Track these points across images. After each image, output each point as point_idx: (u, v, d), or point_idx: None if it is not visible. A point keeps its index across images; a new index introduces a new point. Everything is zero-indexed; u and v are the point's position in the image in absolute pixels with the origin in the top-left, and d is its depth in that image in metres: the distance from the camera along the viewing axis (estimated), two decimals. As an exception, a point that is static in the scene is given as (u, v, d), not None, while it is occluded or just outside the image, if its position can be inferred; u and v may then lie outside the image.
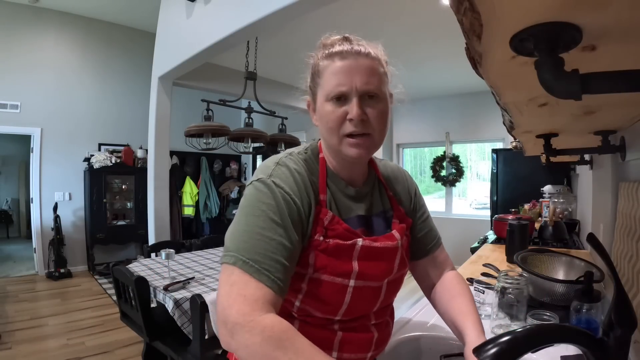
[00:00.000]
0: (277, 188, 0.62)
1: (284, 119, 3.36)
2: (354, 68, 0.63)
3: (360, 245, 0.66)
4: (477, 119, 4.94)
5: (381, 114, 0.65)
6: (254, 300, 0.54)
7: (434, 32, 3.17)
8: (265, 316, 0.53)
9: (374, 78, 0.64)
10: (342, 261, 0.65)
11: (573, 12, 0.31)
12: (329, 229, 0.65)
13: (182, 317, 1.79)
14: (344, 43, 0.66)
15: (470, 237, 3.83)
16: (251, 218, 0.60)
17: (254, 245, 0.58)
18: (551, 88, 0.38)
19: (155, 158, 3.73)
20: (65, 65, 4.81)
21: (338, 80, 0.63)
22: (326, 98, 0.65)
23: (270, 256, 0.57)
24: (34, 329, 3.00)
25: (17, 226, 7.50)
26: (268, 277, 0.56)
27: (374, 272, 0.67)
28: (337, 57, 0.64)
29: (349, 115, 0.63)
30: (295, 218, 0.62)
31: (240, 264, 0.57)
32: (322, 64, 0.66)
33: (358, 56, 0.64)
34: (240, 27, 2.36)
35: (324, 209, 0.66)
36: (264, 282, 0.56)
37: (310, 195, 0.65)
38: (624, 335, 0.51)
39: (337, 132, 0.65)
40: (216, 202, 6.18)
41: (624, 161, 1.08)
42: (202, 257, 2.72)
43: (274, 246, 0.58)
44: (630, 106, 0.69)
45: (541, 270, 1.19)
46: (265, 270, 0.56)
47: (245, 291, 0.55)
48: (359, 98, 0.63)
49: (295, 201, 0.62)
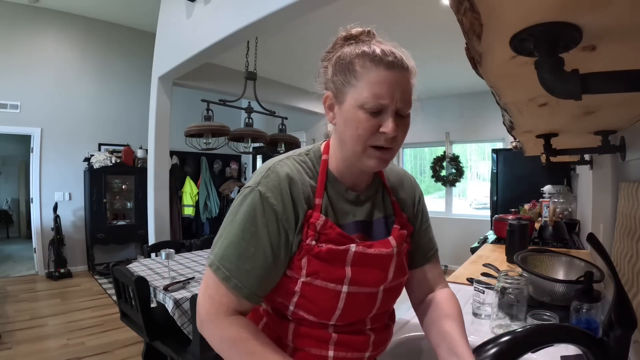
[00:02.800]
0: (262, 197, 0.62)
1: (284, 119, 3.36)
2: (399, 83, 0.61)
3: (353, 251, 0.65)
4: (477, 119, 4.94)
5: (406, 129, 0.66)
6: (220, 304, 0.61)
7: (434, 32, 3.17)
8: (228, 319, 0.60)
9: (410, 96, 0.63)
10: (335, 267, 0.64)
11: (573, 12, 0.31)
12: (321, 233, 0.64)
13: (182, 317, 1.79)
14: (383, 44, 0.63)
15: (470, 237, 3.83)
16: (232, 226, 0.63)
17: (229, 254, 0.62)
18: (551, 88, 0.38)
19: (155, 158, 3.73)
20: (65, 65, 4.81)
21: (381, 92, 0.59)
22: (361, 105, 0.60)
23: (241, 266, 0.61)
24: (34, 329, 3.00)
25: (17, 226, 7.50)
26: (236, 285, 0.60)
27: (367, 279, 0.66)
28: (384, 66, 0.60)
29: (383, 128, 0.61)
30: (275, 228, 0.62)
31: (214, 268, 0.62)
32: (361, 63, 0.61)
33: (402, 69, 0.61)
34: (240, 27, 2.36)
35: (316, 213, 0.64)
36: (232, 290, 0.61)
37: (300, 201, 0.64)
38: (624, 335, 0.51)
39: (365, 142, 0.62)
40: (216, 202, 6.18)
41: (624, 161, 1.08)
42: (202, 257, 2.72)
43: (248, 256, 0.61)
44: (630, 106, 0.69)
45: (541, 270, 1.19)
46: (234, 278, 0.60)
47: (214, 295, 0.62)
48: (396, 114, 0.62)
49: (276, 211, 0.62)
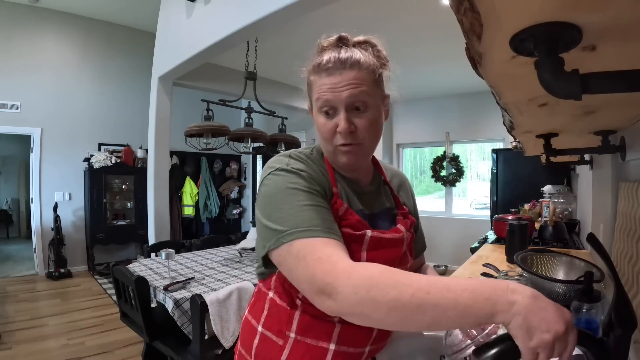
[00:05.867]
0: (290, 171, 0.66)
1: (284, 119, 3.36)
2: (340, 83, 0.65)
3: (369, 236, 0.68)
4: (477, 119, 4.94)
5: (370, 123, 0.67)
6: (329, 256, 0.55)
7: (434, 32, 3.16)
8: (347, 264, 0.54)
9: (360, 90, 0.65)
10: (351, 250, 0.65)
11: (573, 12, 0.31)
12: (342, 218, 0.67)
13: (182, 317, 1.79)
14: (334, 50, 0.68)
15: (470, 237, 3.83)
16: (288, 198, 0.62)
17: (292, 219, 0.60)
18: (551, 88, 0.38)
19: (155, 158, 3.73)
20: (65, 65, 4.81)
21: (326, 97, 0.66)
22: (318, 111, 0.69)
23: (322, 218, 0.61)
24: (34, 329, 3.00)
25: (17, 226, 7.50)
26: (330, 232, 0.59)
27: (382, 262, 0.69)
28: (324, 73, 0.66)
29: (338, 128, 0.66)
30: (311, 184, 0.66)
31: (298, 235, 0.58)
32: (311, 77, 0.69)
33: (344, 70, 0.65)
34: (240, 27, 2.36)
35: (339, 200, 0.69)
36: (326, 236, 0.58)
37: (326, 184, 0.69)
38: (624, 335, 0.51)
39: (331, 142, 0.69)
40: (216, 202, 6.18)
41: (624, 161, 1.07)
42: (202, 257, 2.72)
43: (322, 211, 0.62)
44: (630, 106, 0.69)
45: (541, 270, 1.19)
46: (327, 228, 0.60)
47: (317, 255, 0.56)
48: (347, 111, 0.66)
49: (310, 175, 0.67)
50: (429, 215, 5.48)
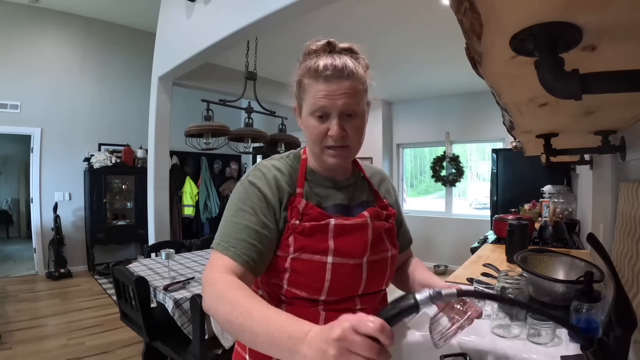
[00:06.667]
0: (250, 185, 0.74)
1: (284, 119, 3.36)
2: (337, 91, 0.69)
3: (333, 224, 0.74)
4: (477, 119, 4.94)
5: (358, 129, 0.74)
6: (216, 267, 0.66)
7: (434, 32, 3.16)
8: (219, 275, 0.64)
9: (354, 99, 0.71)
10: (319, 240, 0.73)
11: (573, 12, 0.31)
12: (304, 214, 0.74)
13: (182, 317, 1.79)
14: (327, 56, 0.71)
15: (470, 237, 3.83)
16: (228, 212, 0.73)
17: (226, 231, 0.70)
18: (551, 88, 0.38)
19: (155, 158, 3.73)
20: (65, 65, 4.81)
21: (321, 102, 0.70)
22: (310, 114, 0.73)
23: (237, 237, 0.69)
24: (34, 329, 3.00)
25: (17, 226, 7.50)
26: (233, 252, 0.67)
27: (349, 249, 0.74)
28: (322, 80, 0.70)
29: (329, 132, 0.71)
30: (264, 208, 0.72)
31: (215, 246, 0.70)
32: (306, 81, 0.73)
33: (340, 79, 0.69)
34: (240, 27, 2.36)
35: (298, 199, 0.75)
36: (228, 256, 0.67)
37: (284, 189, 0.75)
38: (624, 335, 0.51)
39: (320, 144, 0.74)
40: (216, 202, 6.17)
41: (624, 161, 1.07)
42: (202, 257, 2.72)
43: (241, 229, 0.69)
44: (630, 106, 0.69)
45: (541, 270, 1.19)
46: (231, 247, 0.68)
47: (214, 264, 0.68)
48: (339, 118, 0.71)
49: (265, 194, 0.73)
50: (429, 215, 5.48)
